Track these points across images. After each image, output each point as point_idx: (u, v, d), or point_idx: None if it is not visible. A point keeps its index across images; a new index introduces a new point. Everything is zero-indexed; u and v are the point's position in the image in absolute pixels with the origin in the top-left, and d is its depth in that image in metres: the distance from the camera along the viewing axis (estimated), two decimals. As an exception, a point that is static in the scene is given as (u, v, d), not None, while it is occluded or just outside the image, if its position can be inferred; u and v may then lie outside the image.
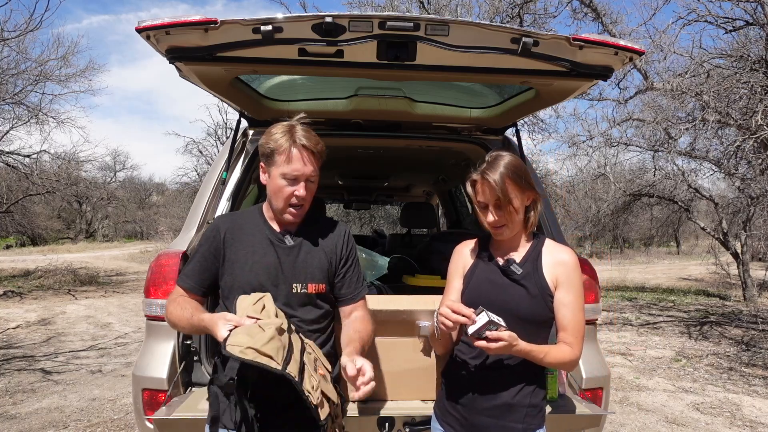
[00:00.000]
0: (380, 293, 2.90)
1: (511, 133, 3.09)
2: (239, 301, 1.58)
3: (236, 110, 2.72)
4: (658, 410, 4.69)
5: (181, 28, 1.76)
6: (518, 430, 1.63)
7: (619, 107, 9.42)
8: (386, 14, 1.78)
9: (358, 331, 1.74)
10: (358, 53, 1.91)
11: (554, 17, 10.08)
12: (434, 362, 2.11)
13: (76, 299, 11.12)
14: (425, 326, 2.11)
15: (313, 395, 1.43)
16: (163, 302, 2.14)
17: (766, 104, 6.75)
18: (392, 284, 3.10)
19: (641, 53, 1.92)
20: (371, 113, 2.87)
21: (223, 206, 2.52)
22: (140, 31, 1.76)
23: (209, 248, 1.75)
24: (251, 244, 1.73)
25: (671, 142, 9.10)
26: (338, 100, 2.81)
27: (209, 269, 1.74)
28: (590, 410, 2.07)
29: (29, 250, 26.33)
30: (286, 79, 2.64)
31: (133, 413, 2.83)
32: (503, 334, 1.46)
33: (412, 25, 1.76)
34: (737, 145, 7.44)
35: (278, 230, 1.76)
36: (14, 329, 7.87)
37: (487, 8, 10.09)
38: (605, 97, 9.55)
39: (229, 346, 1.37)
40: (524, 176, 1.64)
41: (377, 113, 2.86)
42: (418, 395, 2.16)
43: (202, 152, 23.48)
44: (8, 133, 12.18)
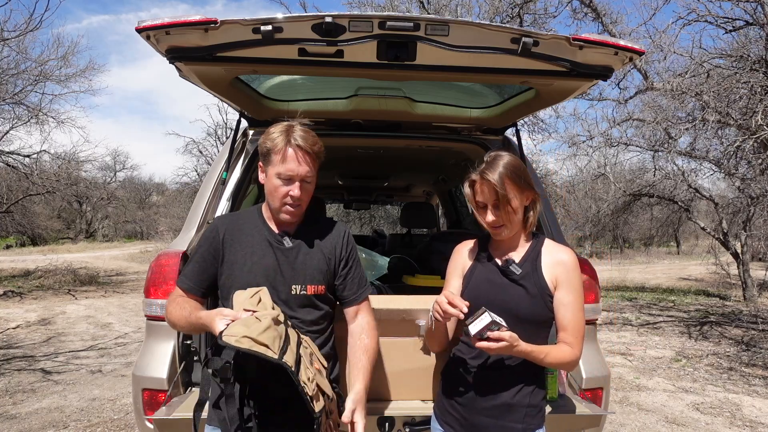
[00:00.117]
0: (380, 293, 2.90)
1: (511, 133, 3.09)
2: (235, 296, 1.58)
3: (236, 110, 2.72)
4: (658, 410, 4.69)
5: (181, 28, 1.76)
6: (518, 430, 1.63)
7: (619, 107, 9.44)
8: (386, 14, 1.78)
9: (366, 351, 1.75)
10: (358, 53, 1.91)
11: (554, 17, 10.10)
12: (434, 362, 2.11)
13: (76, 299, 11.12)
14: (425, 325, 2.10)
15: (308, 386, 1.42)
16: (163, 302, 2.14)
17: (766, 104, 6.75)
18: (392, 284, 3.10)
19: (641, 53, 1.92)
20: (371, 113, 2.86)
21: (223, 206, 2.52)
22: (140, 31, 1.76)
23: (208, 249, 1.75)
24: (250, 245, 1.73)
25: (671, 142, 9.10)
26: (338, 100, 2.81)
27: (208, 270, 1.74)
28: (590, 410, 2.07)
29: (29, 250, 26.33)
30: (286, 79, 2.63)
31: (133, 413, 2.83)
32: (504, 334, 1.46)
33: (412, 25, 1.76)
34: (737, 145, 7.44)
35: (277, 231, 1.75)
36: (14, 329, 7.87)
37: (487, 8, 10.09)
38: (605, 97, 9.57)
39: (225, 336, 1.36)
40: (523, 176, 1.64)
41: (377, 113, 2.86)
42: (418, 395, 2.15)
43: (202, 152, 23.51)
44: (8, 133, 12.20)
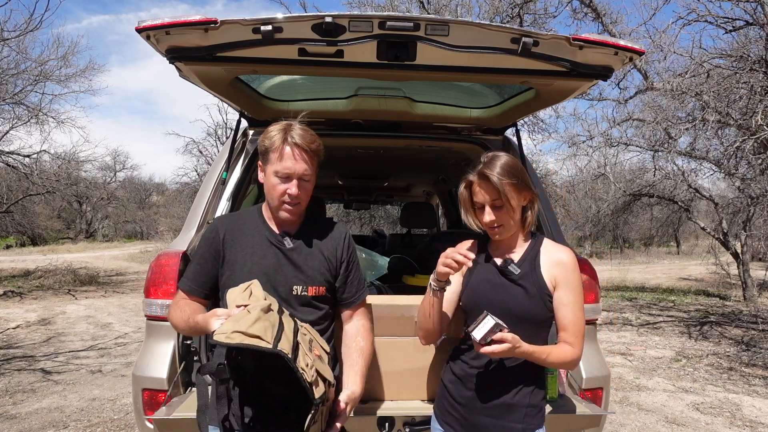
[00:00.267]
0: (380, 293, 2.90)
1: (511, 133, 3.09)
2: (228, 294, 1.57)
3: (236, 110, 2.72)
4: (658, 410, 4.69)
5: (181, 28, 1.76)
6: (518, 430, 1.63)
7: (619, 107, 9.44)
8: (386, 14, 1.78)
9: (362, 354, 1.76)
10: (358, 53, 1.91)
11: (554, 17, 10.10)
12: (434, 362, 2.11)
13: (76, 299, 11.12)
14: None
15: (307, 373, 1.41)
16: (162, 302, 2.15)
17: (766, 104, 6.75)
18: (392, 284, 3.10)
19: (641, 53, 1.92)
20: (371, 113, 2.86)
21: (223, 206, 2.52)
22: (140, 31, 1.76)
23: (209, 250, 1.74)
24: (250, 245, 1.73)
25: (671, 142, 9.10)
26: (338, 100, 2.81)
27: (210, 271, 1.74)
28: (590, 410, 2.07)
29: (29, 250, 26.32)
30: (286, 79, 2.63)
31: (133, 413, 2.83)
32: (507, 335, 1.46)
33: (412, 25, 1.76)
34: (737, 145, 7.44)
35: (277, 231, 1.75)
36: (14, 329, 7.87)
37: (487, 8, 10.10)
38: (605, 97, 9.57)
39: (216, 335, 1.35)
40: (521, 176, 1.65)
41: (377, 113, 2.86)
42: (418, 395, 2.15)
43: (202, 152, 23.50)
44: (8, 133, 12.20)
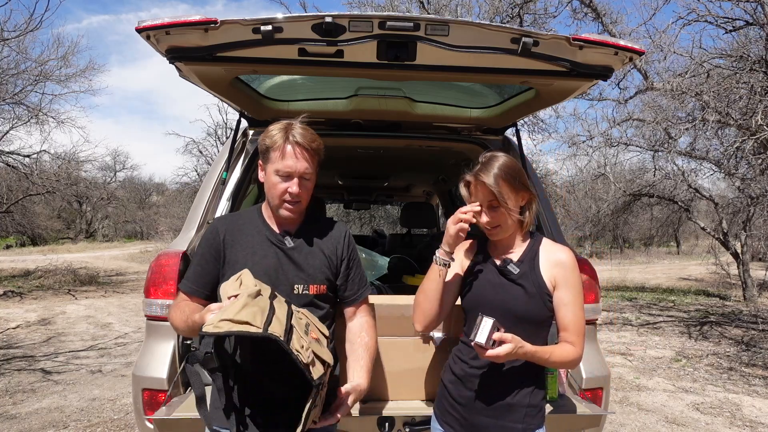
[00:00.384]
0: (380, 293, 2.90)
1: (511, 133, 3.09)
2: (221, 289, 1.56)
3: (236, 110, 2.72)
4: (658, 410, 4.69)
5: (181, 28, 1.76)
6: (518, 430, 1.63)
7: (619, 107, 9.44)
8: (386, 14, 1.78)
9: (367, 349, 1.77)
10: (358, 53, 1.91)
11: (554, 17, 10.10)
12: (434, 362, 2.12)
13: (76, 299, 11.12)
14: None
15: (302, 354, 1.39)
16: (162, 302, 2.15)
17: (766, 104, 6.75)
18: (392, 284, 3.11)
19: (641, 53, 1.92)
20: (371, 113, 2.86)
21: (223, 206, 2.52)
22: (140, 31, 1.76)
23: (209, 250, 1.74)
24: (251, 245, 1.73)
25: (671, 142, 9.10)
26: (338, 100, 2.81)
27: (211, 272, 1.73)
28: (590, 410, 2.07)
29: (29, 250, 26.32)
30: (286, 79, 2.64)
31: (133, 413, 2.83)
32: (506, 335, 1.46)
33: (412, 25, 1.76)
34: (737, 145, 7.44)
35: (278, 231, 1.75)
36: (14, 329, 7.87)
37: (487, 8, 10.09)
38: (605, 97, 9.56)
39: (204, 327, 1.34)
40: (519, 177, 1.65)
41: (377, 113, 2.86)
42: (418, 395, 2.16)
43: (202, 152, 23.50)
44: (8, 133, 12.20)
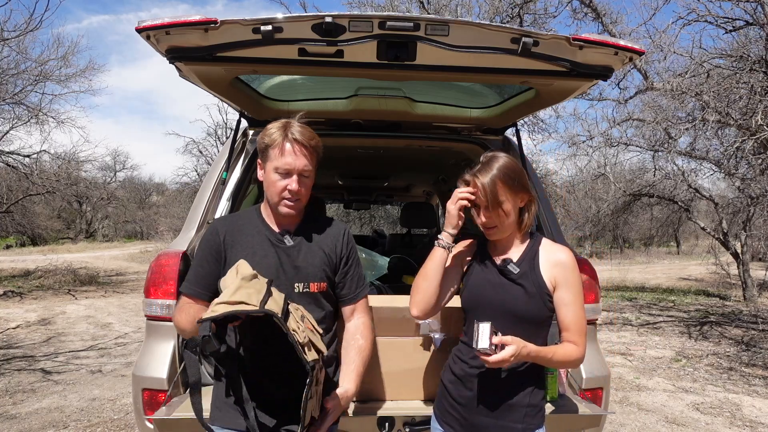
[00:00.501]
0: (380, 293, 2.90)
1: (511, 133, 3.09)
2: (220, 283, 1.57)
3: (236, 110, 2.72)
4: (658, 410, 4.69)
5: (181, 28, 1.76)
6: (518, 429, 1.63)
7: (619, 107, 9.44)
8: (386, 14, 1.78)
9: (360, 353, 1.77)
10: (358, 53, 1.91)
11: (554, 17, 10.10)
12: (434, 362, 2.11)
13: (76, 299, 11.12)
14: (425, 324, 2.11)
15: (299, 334, 1.40)
16: (163, 302, 2.15)
17: (766, 104, 6.75)
18: (392, 284, 3.11)
19: (641, 53, 1.92)
20: (371, 113, 2.86)
21: (223, 206, 2.52)
22: (140, 31, 1.76)
23: (210, 252, 1.74)
24: (251, 245, 1.73)
25: (671, 142, 9.10)
26: (338, 100, 2.81)
27: (212, 273, 1.73)
28: (590, 410, 2.07)
29: (29, 250, 26.32)
30: (286, 79, 2.63)
31: (133, 413, 2.83)
32: (506, 338, 1.46)
33: (412, 25, 1.76)
34: (737, 145, 7.44)
35: (277, 230, 1.75)
36: (14, 329, 7.87)
37: (487, 8, 10.09)
38: (605, 97, 9.56)
39: (203, 316, 1.36)
40: (517, 178, 1.64)
41: (377, 113, 2.86)
42: (418, 395, 2.16)
43: (202, 152, 23.50)
44: (8, 133, 12.20)
